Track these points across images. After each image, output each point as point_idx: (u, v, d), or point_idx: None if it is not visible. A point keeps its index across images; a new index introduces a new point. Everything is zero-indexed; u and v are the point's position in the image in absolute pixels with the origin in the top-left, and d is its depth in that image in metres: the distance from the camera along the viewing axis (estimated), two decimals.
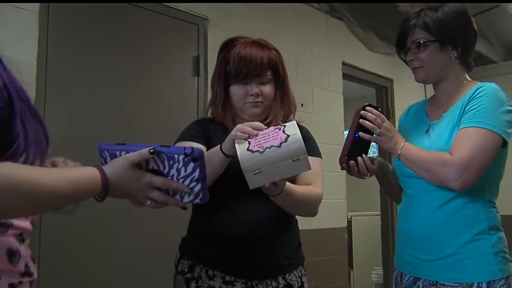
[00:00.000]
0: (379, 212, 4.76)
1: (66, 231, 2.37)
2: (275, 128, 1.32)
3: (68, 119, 2.44)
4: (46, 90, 2.35)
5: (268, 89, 1.58)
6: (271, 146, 1.26)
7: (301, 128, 1.64)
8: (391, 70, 4.56)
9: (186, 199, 1.05)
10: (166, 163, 1.02)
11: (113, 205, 1.23)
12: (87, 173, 0.95)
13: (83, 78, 2.52)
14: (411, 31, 1.56)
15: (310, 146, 1.57)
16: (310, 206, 1.53)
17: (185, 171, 1.01)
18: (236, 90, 1.58)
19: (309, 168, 1.30)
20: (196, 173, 1.01)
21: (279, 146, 1.26)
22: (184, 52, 2.98)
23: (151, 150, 1.00)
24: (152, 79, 2.80)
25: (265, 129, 1.35)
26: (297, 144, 1.26)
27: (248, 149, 1.28)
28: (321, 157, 1.62)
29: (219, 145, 1.40)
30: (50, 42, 2.39)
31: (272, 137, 1.29)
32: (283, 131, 1.29)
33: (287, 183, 1.38)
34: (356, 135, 1.51)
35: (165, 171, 1.02)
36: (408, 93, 4.48)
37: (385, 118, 1.53)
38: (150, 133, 2.67)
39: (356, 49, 4.24)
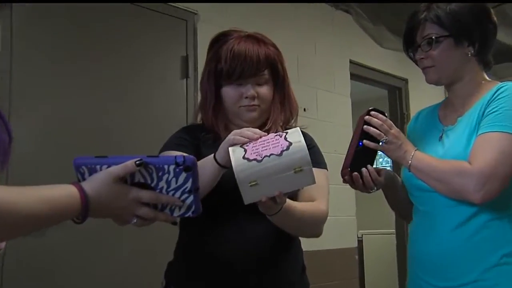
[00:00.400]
0: (394, 230, 4.76)
1: (33, 255, 2.34)
2: (276, 135, 1.32)
3: (38, 133, 2.42)
4: (10, 100, 2.33)
5: (265, 90, 1.57)
6: (270, 155, 1.25)
7: (304, 135, 1.63)
8: (406, 69, 4.57)
9: (177, 212, 1.06)
10: (154, 175, 1.02)
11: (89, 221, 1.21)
12: (63, 191, 0.94)
13: (54, 85, 2.50)
14: (421, 25, 1.56)
15: (315, 156, 1.55)
16: (313, 226, 1.52)
17: (176, 183, 1.02)
18: (228, 92, 1.57)
19: (313, 182, 1.29)
20: (189, 184, 1.02)
21: (280, 154, 1.25)
22: (170, 51, 2.98)
23: (138, 162, 1.00)
24: (134, 83, 2.79)
25: (264, 136, 1.34)
26: (300, 153, 1.25)
27: (244, 157, 1.27)
28: (326, 169, 1.62)
29: (212, 154, 1.40)
30: (15, 45, 2.37)
31: (272, 144, 1.28)
32: (285, 138, 1.29)
33: (287, 199, 1.37)
34: (360, 143, 1.51)
35: (153, 184, 1.03)
36: (425, 94, 4.47)
37: (393, 124, 1.53)
38: (133, 145, 2.66)
39: (365, 46, 4.26)
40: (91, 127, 2.59)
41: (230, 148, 1.31)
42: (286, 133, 1.32)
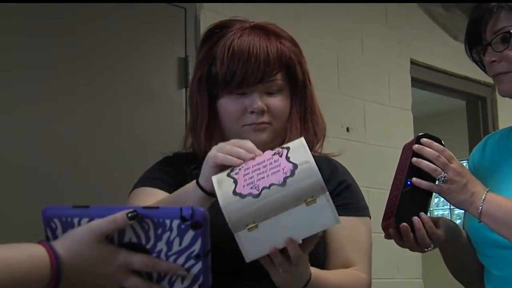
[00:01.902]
0: None
1: None
2: (274, 154, 1.32)
3: None
4: None
5: (278, 101, 1.58)
6: (270, 185, 1.26)
7: (334, 166, 1.67)
8: None
9: (179, 285, 1.08)
10: (151, 232, 1.05)
11: None
12: (26, 253, 0.97)
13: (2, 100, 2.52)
14: (493, 15, 1.53)
15: (351, 198, 1.60)
16: None
17: (180, 244, 1.05)
18: (227, 105, 1.58)
19: (336, 221, 1.28)
20: (197, 246, 1.05)
21: (283, 183, 1.26)
22: (164, 51, 3.03)
23: (131, 215, 1.03)
24: (116, 96, 2.83)
25: (259, 155, 1.34)
26: (310, 178, 1.25)
27: (235, 193, 1.27)
28: (368, 216, 1.64)
29: (194, 180, 1.38)
30: None
31: (270, 169, 1.29)
32: (287, 158, 1.29)
33: (313, 269, 1.36)
34: (408, 182, 1.48)
35: (149, 246, 1.06)
36: None
37: (453, 156, 1.48)
38: (114, 182, 2.65)
39: (433, 40, 4.29)
40: (57, 160, 2.60)
41: (213, 178, 1.31)
42: (288, 149, 1.32)
